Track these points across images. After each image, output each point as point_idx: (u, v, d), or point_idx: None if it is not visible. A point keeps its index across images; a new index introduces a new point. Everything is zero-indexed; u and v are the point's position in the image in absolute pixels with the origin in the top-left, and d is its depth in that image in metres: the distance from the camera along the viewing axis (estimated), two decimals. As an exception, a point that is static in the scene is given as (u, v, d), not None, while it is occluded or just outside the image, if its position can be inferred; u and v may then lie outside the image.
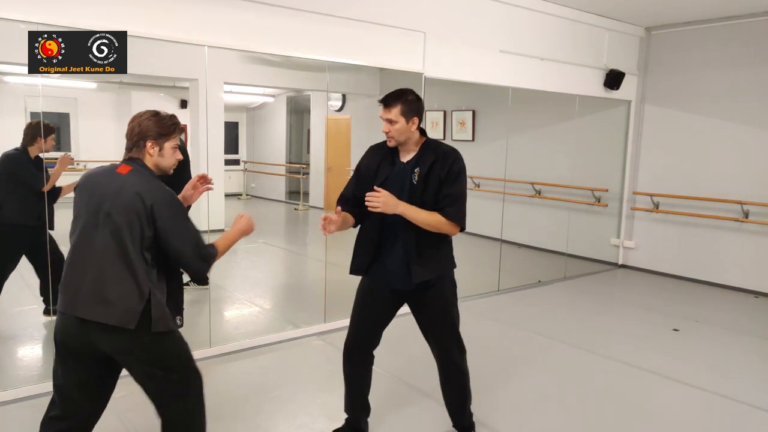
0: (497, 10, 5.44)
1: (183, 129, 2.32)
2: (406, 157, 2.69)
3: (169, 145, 2.24)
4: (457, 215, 2.60)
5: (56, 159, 4.25)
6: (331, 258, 4.79)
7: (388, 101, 2.60)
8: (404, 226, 2.61)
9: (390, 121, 2.59)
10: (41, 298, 4.35)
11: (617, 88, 6.56)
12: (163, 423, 2.27)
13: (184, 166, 2.81)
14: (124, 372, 2.27)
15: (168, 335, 2.20)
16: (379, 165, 2.71)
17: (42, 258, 4.31)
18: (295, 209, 10.28)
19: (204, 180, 2.56)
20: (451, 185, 2.60)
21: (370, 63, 4.71)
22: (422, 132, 2.72)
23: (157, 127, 2.21)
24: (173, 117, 2.27)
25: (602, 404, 3.56)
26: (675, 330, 4.96)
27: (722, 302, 5.92)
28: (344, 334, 2.90)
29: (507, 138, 6.29)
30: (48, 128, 4.20)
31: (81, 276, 2.12)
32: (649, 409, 3.49)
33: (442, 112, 8.27)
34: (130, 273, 2.10)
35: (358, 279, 2.91)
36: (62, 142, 5.00)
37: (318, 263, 5.72)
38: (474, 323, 5.05)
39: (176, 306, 2.38)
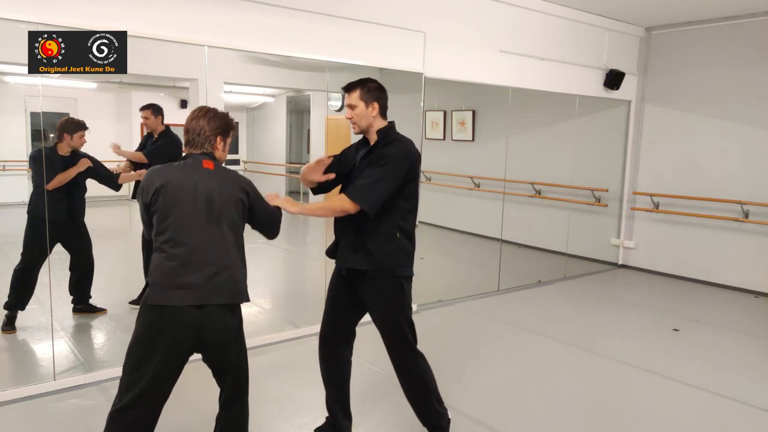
0: (497, 10, 5.44)
1: (237, 124, 2.52)
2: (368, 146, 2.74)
3: (229, 140, 2.45)
4: (357, 192, 2.51)
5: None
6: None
7: (348, 87, 2.68)
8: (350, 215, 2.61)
9: (351, 107, 2.65)
10: (71, 297, 4.55)
11: (617, 88, 6.56)
12: (232, 400, 2.45)
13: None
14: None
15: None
16: (348, 153, 2.81)
17: (77, 252, 4.48)
18: (295, 209, 10.25)
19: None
20: (372, 167, 2.56)
21: (370, 63, 4.71)
22: (390, 124, 2.73)
23: (224, 125, 2.40)
24: (229, 114, 2.47)
25: (602, 404, 3.56)
26: (675, 330, 4.96)
27: (722, 302, 5.92)
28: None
29: (507, 138, 6.29)
30: (76, 124, 4.28)
31: (202, 268, 2.25)
32: (649, 409, 3.49)
33: (442, 112, 8.27)
34: (242, 257, 2.40)
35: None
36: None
37: (318, 263, 5.72)
38: (474, 323, 5.06)
39: None
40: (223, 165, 2.46)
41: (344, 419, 2.93)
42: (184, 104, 7.64)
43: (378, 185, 2.52)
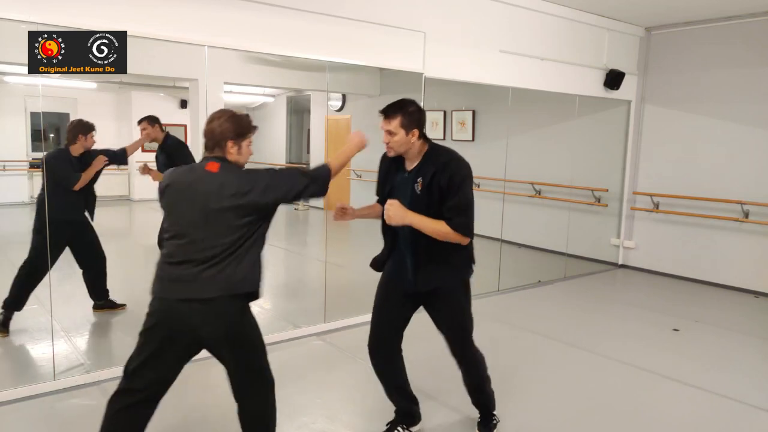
0: (497, 10, 5.44)
1: (256, 128, 2.46)
2: (410, 166, 2.70)
3: (245, 144, 2.41)
4: (462, 226, 2.58)
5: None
6: (331, 258, 4.80)
7: (388, 112, 2.59)
8: (416, 229, 2.63)
9: (390, 133, 2.59)
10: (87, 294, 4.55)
11: (617, 88, 6.57)
12: (245, 392, 2.42)
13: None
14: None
15: (251, 314, 2.41)
16: (387, 173, 2.78)
17: (86, 253, 4.52)
18: (295, 209, 10.28)
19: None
20: (454, 196, 2.57)
21: (370, 63, 4.71)
22: (426, 138, 2.69)
23: (237, 128, 2.37)
24: (248, 117, 2.43)
25: (602, 404, 3.56)
26: (675, 330, 4.96)
27: (722, 302, 5.92)
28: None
29: (507, 138, 6.29)
30: (89, 126, 4.37)
31: (191, 264, 2.27)
32: (650, 409, 3.49)
33: (442, 112, 8.27)
34: (241, 254, 2.30)
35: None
36: (62, 142, 5.03)
37: (318, 263, 5.72)
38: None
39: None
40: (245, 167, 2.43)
41: (411, 404, 3.03)
42: (184, 104, 7.65)
43: (469, 212, 2.62)
